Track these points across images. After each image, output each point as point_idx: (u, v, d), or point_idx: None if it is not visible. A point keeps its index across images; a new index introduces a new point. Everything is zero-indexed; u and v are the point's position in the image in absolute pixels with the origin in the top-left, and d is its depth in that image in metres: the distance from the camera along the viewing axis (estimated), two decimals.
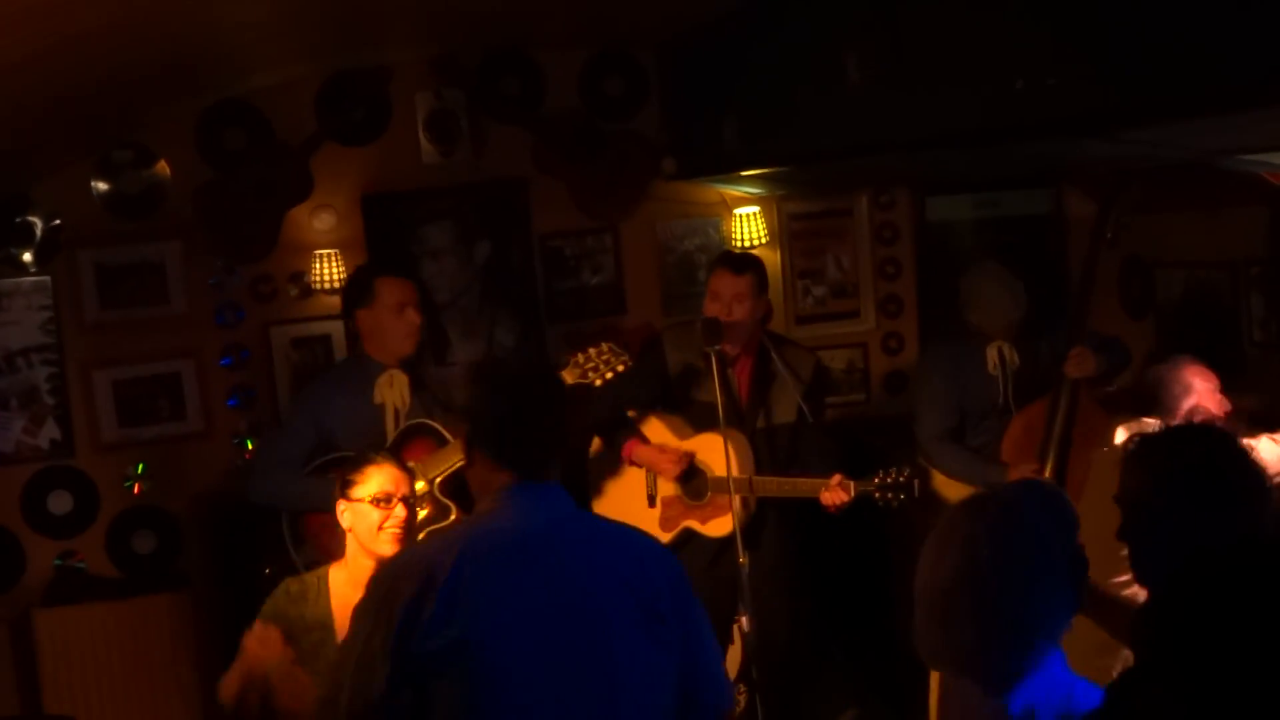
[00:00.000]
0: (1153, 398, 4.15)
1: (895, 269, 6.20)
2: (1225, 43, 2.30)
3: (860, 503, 4.42)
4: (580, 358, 4.27)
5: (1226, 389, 4.23)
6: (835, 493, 4.41)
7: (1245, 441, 3.79)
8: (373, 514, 3.32)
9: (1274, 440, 4.01)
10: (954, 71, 3.19)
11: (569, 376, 4.24)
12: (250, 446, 5.47)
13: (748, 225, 5.89)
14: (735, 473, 4.27)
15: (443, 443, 4.27)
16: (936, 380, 5.03)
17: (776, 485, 4.53)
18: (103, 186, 5.40)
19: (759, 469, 4.58)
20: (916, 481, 4.37)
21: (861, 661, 5.50)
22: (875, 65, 3.56)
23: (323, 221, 5.59)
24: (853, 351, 6.16)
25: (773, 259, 6.04)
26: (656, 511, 4.72)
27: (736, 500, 4.24)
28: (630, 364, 4.36)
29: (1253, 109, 2.48)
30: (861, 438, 5.48)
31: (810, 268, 6.13)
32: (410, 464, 3.80)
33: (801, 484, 4.50)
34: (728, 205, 5.97)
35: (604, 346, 4.30)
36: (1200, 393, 4.05)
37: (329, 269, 5.50)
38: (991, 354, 4.88)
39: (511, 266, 5.80)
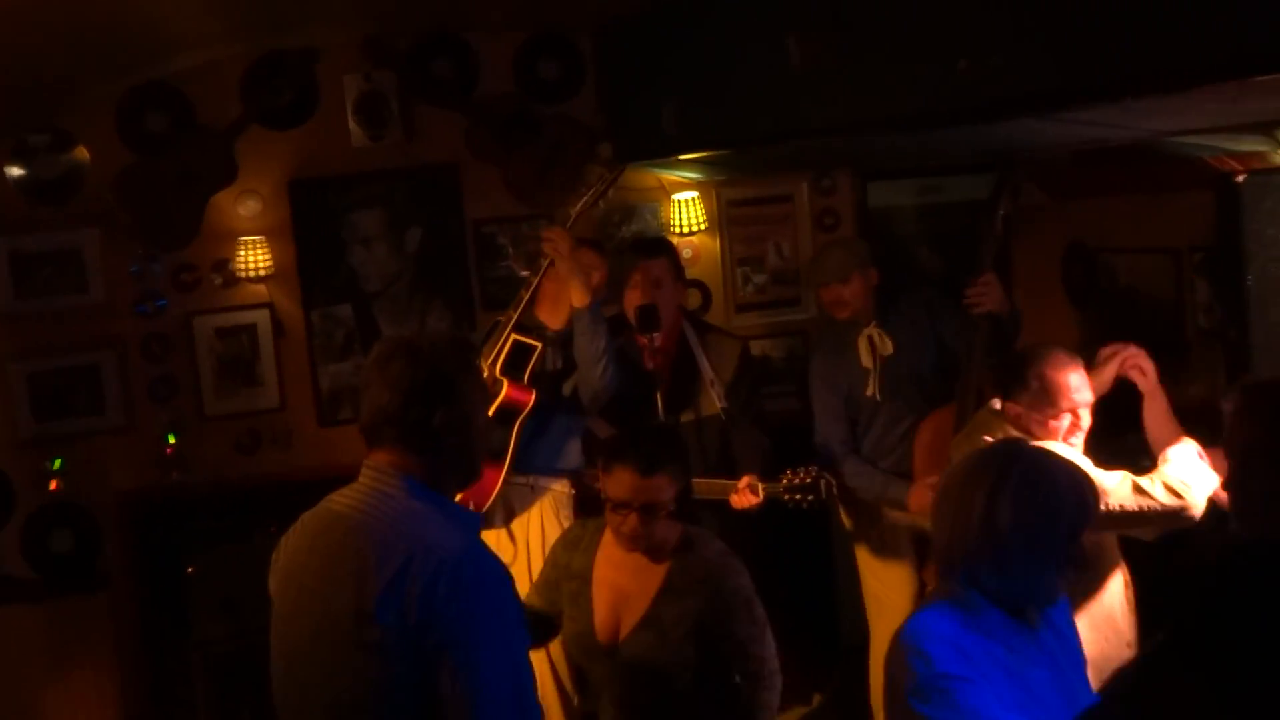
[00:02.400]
0: (1010, 373, 3.82)
1: None
2: (1171, 21, 2.25)
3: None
4: (583, 189, 4.43)
5: (1169, 377, 4.10)
6: (744, 495, 4.29)
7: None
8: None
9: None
10: (896, 52, 3.13)
11: (574, 206, 4.39)
12: (172, 441, 5.31)
13: (686, 211, 5.80)
14: None
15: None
16: (818, 384, 4.86)
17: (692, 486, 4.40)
18: (18, 171, 5.25)
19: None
20: (823, 482, 4.23)
21: (804, 661, 5.43)
22: (816, 46, 3.49)
23: (248, 208, 5.48)
24: (793, 340, 6.08)
25: (712, 246, 5.97)
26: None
27: None
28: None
29: (1198, 88, 2.43)
30: (800, 429, 5.38)
31: (750, 255, 6.05)
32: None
33: (714, 485, 4.38)
34: (666, 191, 5.88)
35: (592, 168, 4.47)
36: (1074, 391, 3.72)
37: (254, 257, 5.41)
38: (862, 343, 4.71)
39: (444, 253, 5.70)
